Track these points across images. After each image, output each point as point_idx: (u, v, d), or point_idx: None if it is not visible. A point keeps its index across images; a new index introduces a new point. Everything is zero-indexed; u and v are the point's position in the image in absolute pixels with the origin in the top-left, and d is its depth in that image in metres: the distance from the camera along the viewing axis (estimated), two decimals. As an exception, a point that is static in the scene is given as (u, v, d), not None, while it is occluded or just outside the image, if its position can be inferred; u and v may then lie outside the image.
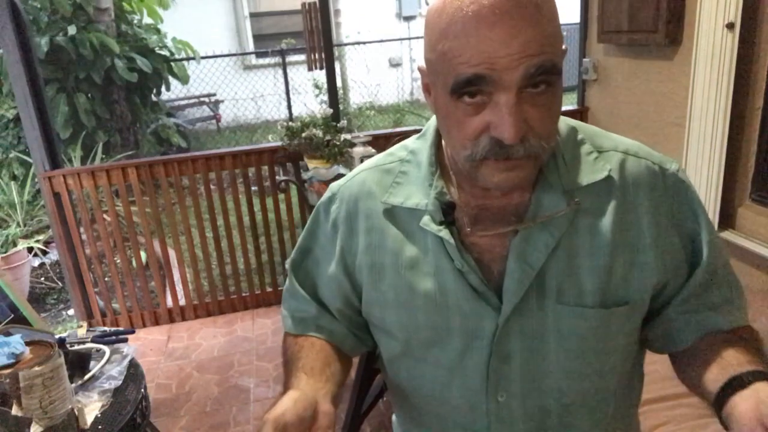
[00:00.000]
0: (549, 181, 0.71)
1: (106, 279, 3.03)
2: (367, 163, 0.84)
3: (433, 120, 0.78)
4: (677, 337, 0.77)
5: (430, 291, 0.73)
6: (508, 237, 0.71)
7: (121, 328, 2.26)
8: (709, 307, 0.75)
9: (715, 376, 0.67)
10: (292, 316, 0.87)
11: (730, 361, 0.67)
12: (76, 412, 1.27)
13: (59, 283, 3.86)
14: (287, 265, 0.91)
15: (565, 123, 0.76)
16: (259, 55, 9.09)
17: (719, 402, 0.64)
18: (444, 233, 0.71)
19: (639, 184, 0.72)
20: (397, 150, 0.82)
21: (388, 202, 0.76)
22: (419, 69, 0.71)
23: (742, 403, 0.60)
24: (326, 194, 0.85)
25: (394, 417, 0.96)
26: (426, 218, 0.73)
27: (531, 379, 0.73)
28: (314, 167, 2.60)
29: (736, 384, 0.63)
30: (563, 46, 0.65)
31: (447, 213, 0.72)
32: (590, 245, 0.70)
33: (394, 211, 0.76)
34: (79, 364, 1.46)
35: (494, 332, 0.71)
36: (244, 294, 3.18)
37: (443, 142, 0.77)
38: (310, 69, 3.11)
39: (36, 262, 3.99)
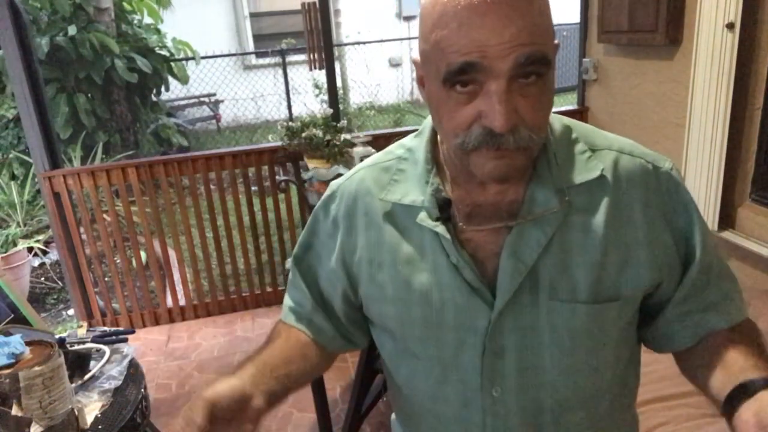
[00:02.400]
0: (542, 178, 0.72)
1: (106, 279, 3.03)
2: (366, 161, 0.86)
3: (429, 118, 0.79)
4: (677, 338, 0.78)
5: (425, 286, 0.75)
6: (502, 234, 0.72)
7: (121, 328, 2.26)
8: (706, 307, 0.76)
9: (721, 384, 0.68)
10: (289, 306, 0.90)
11: (734, 367, 0.69)
12: (76, 412, 1.27)
13: (59, 283, 3.86)
14: (289, 261, 0.93)
15: (559, 122, 0.77)
16: (259, 55, 9.08)
17: (727, 410, 0.65)
18: (440, 229, 0.73)
19: (632, 182, 0.73)
20: (395, 148, 0.84)
21: (386, 199, 0.78)
22: (413, 61, 0.72)
23: (745, 412, 0.61)
24: (326, 192, 0.87)
25: (393, 416, 0.97)
26: (423, 214, 0.74)
27: (525, 374, 0.74)
28: (314, 167, 2.60)
29: (741, 393, 0.64)
30: (555, 41, 0.66)
31: (443, 209, 0.73)
32: (583, 242, 0.71)
33: (392, 208, 0.78)
34: (79, 364, 1.46)
35: (487, 327, 0.73)
36: (244, 294, 3.18)
37: (439, 138, 0.78)
38: (310, 69, 3.11)
39: (36, 262, 3.99)
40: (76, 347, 1.57)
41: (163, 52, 5.79)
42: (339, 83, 7.43)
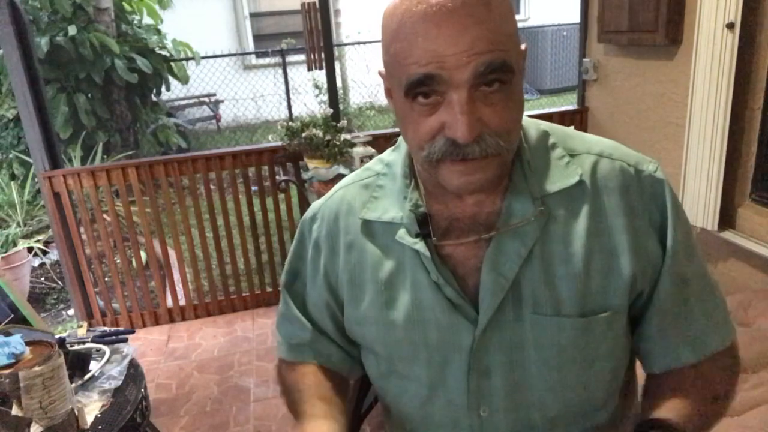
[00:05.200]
0: (518, 188, 0.70)
1: (106, 279, 3.03)
2: (346, 179, 0.84)
3: None
4: (650, 360, 0.76)
5: (407, 305, 0.73)
6: (482, 248, 0.70)
7: (121, 328, 2.26)
8: (682, 335, 0.73)
9: (643, 412, 0.72)
10: (287, 343, 0.86)
11: (662, 407, 0.70)
12: (76, 412, 1.27)
13: (59, 283, 3.86)
14: (280, 287, 0.90)
15: (536, 128, 0.74)
16: (259, 55, 9.08)
17: None
18: (419, 246, 0.71)
19: (612, 187, 0.70)
20: (373, 164, 0.82)
21: (366, 217, 0.76)
22: (379, 73, 0.70)
23: None
24: (308, 213, 0.85)
25: None
26: (402, 231, 0.73)
27: (513, 392, 0.71)
28: (314, 167, 2.60)
29: (647, 425, 0.67)
30: (522, 46, 0.65)
31: (422, 225, 0.71)
32: (564, 252, 0.68)
33: (372, 225, 0.76)
34: (79, 364, 1.46)
35: (472, 345, 0.70)
36: (244, 294, 3.18)
37: None
38: (309, 69, 3.11)
39: (36, 262, 3.99)
40: (76, 347, 1.57)
41: (163, 53, 5.79)
42: (339, 83, 7.43)
